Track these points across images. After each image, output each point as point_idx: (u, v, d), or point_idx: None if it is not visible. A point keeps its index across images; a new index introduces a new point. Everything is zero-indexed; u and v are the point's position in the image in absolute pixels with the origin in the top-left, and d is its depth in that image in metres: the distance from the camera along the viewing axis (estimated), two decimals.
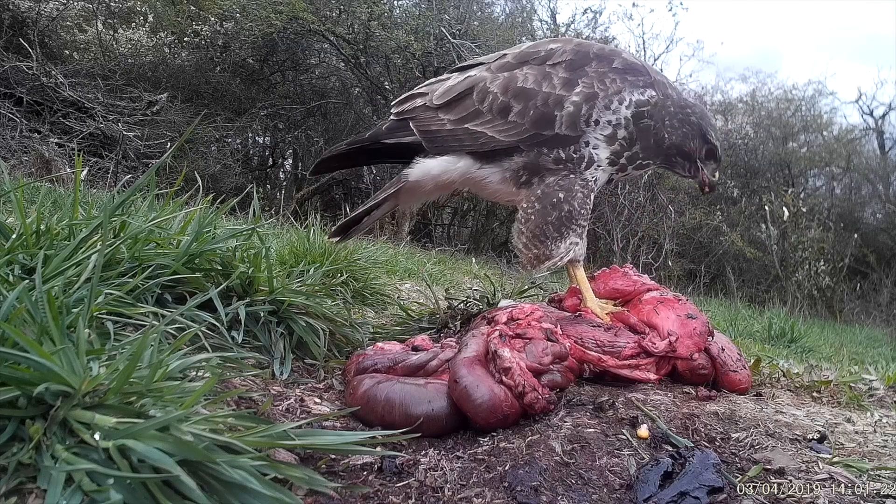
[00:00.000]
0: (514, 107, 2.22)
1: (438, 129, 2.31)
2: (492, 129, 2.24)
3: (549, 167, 2.24)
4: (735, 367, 2.16)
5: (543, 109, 2.20)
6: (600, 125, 2.21)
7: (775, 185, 20.11)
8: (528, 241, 2.31)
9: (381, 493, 1.29)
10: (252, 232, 2.16)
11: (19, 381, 1.03)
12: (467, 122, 2.28)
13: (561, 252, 2.29)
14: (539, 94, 2.21)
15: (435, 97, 2.35)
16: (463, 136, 2.28)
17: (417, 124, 2.35)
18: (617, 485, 1.43)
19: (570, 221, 2.26)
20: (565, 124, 2.19)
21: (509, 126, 2.22)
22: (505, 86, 2.25)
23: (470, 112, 2.28)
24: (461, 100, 2.31)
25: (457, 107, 2.31)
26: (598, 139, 2.23)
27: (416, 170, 2.37)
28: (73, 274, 1.53)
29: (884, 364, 4.28)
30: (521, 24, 16.92)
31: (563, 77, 2.22)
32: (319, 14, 13.15)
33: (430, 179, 2.37)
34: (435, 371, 1.86)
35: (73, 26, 12.59)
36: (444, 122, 2.31)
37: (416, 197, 2.54)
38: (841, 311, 14.83)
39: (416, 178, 2.38)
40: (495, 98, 2.24)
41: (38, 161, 8.52)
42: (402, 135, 2.38)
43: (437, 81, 2.46)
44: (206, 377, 1.33)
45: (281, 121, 15.16)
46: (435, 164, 2.35)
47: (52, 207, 2.59)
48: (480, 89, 2.28)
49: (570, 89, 2.20)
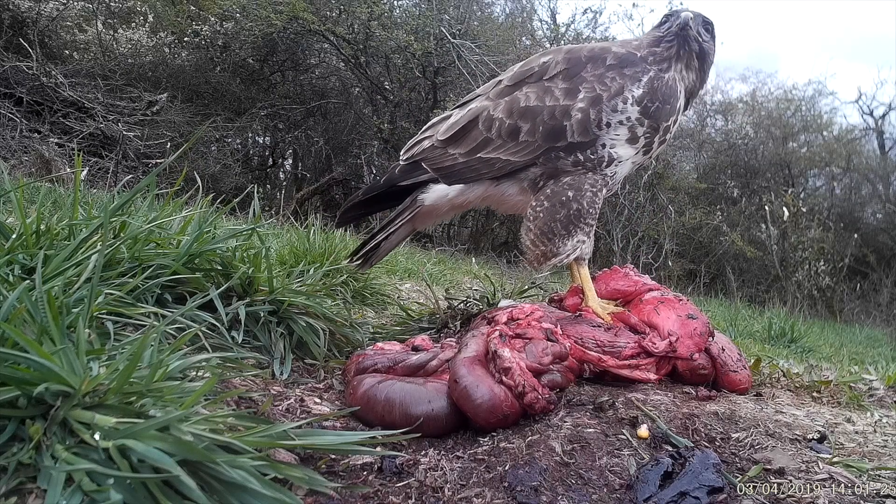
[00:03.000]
0: (523, 127, 2.24)
1: (452, 164, 2.35)
2: (505, 153, 2.28)
3: (568, 170, 2.26)
4: (735, 367, 2.16)
5: (552, 123, 2.22)
6: (612, 127, 2.22)
7: (775, 185, 20.11)
8: (535, 238, 2.32)
9: (381, 493, 1.29)
10: (252, 232, 2.16)
11: (19, 381, 1.03)
12: (479, 151, 2.31)
13: (567, 250, 2.30)
14: (545, 110, 2.23)
15: (439, 135, 2.39)
16: (478, 165, 2.32)
17: (430, 164, 2.38)
18: (617, 485, 1.43)
19: (579, 219, 2.27)
20: (577, 131, 2.20)
21: (522, 146, 2.25)
22: (509, 109, 2.28)
23: (479, 142, 2.31)
24: (468, 132, 2.35)
25: (465, 139, 2.34)
26: (615, 139, 2.24)
27: (432, 194, 2.40)
28: (73, 274, 1.53)
29: (884, 364, 4.27)
30: (521, 24, 16.90)
31: (563, 87, 2.24)
32: (319, 14, 13.15)
33: (447, 202, 2.41)
34: (435, 371, 1.86)
35: (73, 26, 12.58)
36: (456, 157, 2.34)
37: (432, 219, 2.59)
38: (841, 311, 14.82)
39: (432, 202, 2.41)
40: (502, 123, 2.27)
41: (38, 161, 8.52)
42: (417, 174, 2.41)
43: (439, 121, 2.50)
44: (206, 377, 1.33)
45: (281, 121, 15.15)
46: (452, 190, 2.38)
47: (52, 207, 2.59)
48: (485, 118, 2.31)
49: (573, 97, 2.22)
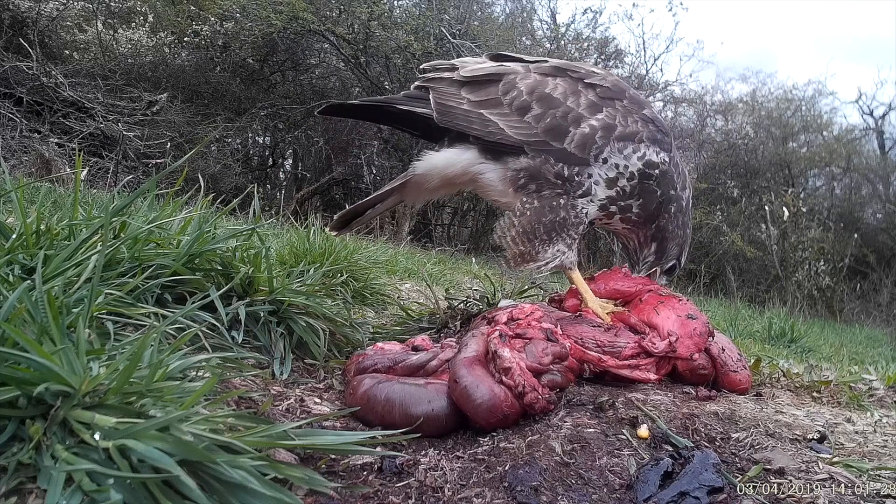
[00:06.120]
0: (534, 109, 2.22)
1: (455, 107, 2.30)
2: (504, 122, 2.23)
3: (549, 179, 2.23)
4: (735, 367, 2.16)
5: (560, 121, 2.20)
6: (608, 165, 2.22)
7: (775, 185, 20.11)
8: (516, 236, 2.28)
9: (381, 493, 1.29)
10: (252, 232, 2.16)
11: (19, 381, 1.03)
12: (484, 107, 2.27)
13: (547, 257, 2.28)
14: (561, 106, 2.21)
15: (464, 71, 2.34)
16: (475, 119, 2.27)
17: (437, 96, 2.34)
18: (617, 485, 1.43)
19: (562, 229, 2.25)
20: (576, 143, 2.19)
21: (522, 126, 2.22)
22: (532, 87, 2.25)
23: (490, 99, 2.27)
24: (486, 84, 2.30)
25: (480, 89, 2.30)
26: (601, 177, 2.24)
27: (424, 162, 2.39)
28: (74, 274, 1.53)
29: (884, 364, 4.28)
30: (521, 24, 16.92)
31: (590, 100, 2.23)
32: (319, 14, 13.15)
33: (437, 173, 2.39)
34: (435, 371, 1.86)
35: (73, 26, 12.58)
36: (463, 101, 2.30)
37: (420, 192, 2.56)
38: (841, 311, 14.82)
39: (424, 170, 2.40)
40: (519, 94, 2.24)
41: (38, 161, 8.52)
42: (417, 104, 2.38)
43: (469, 60, 2.46)
44: (206, 377, 1.33)
45: (281, 121, 15.16)
46: (441, 157, 2.38)
47: (52, 207, 2.59)
48: (508, 81, 2.28)
49: (592, 112, 2.20)
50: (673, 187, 2.32)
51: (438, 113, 2.31)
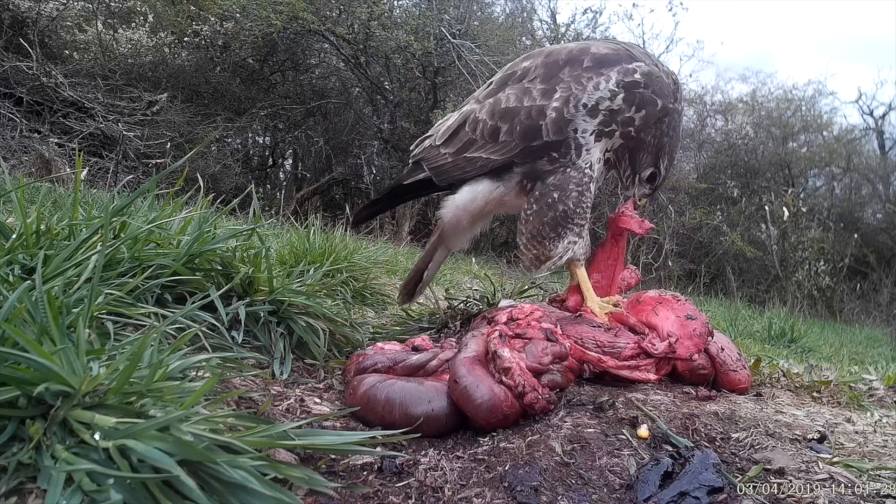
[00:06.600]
0: (502, 127, 2.32)
1: (443, 164, 2.52)
2: (486, 153, 2.38)
3: (546, 168, 2.30)
4: (735, 367, 2.16)
5: (528, 122, 2.27)
6: (581, 113, 2.23)
7: (775, 185, 20.10)
8: (527, 242, 2.37)
9: (381, 493, 1.29)
10: (252, 232, 2.16)
11: (19, 381, 1.03)
12: (464, 151, 2.45)
13: (559, 252, 2.33)
14: (522, 110, 2.29)
15: (437, 137, 2.57)
16: (463, 164, 2.45)
17: (427, 163, 2.58)
18: (617, 485, 1.43)
19: (567, 221, 2.29)
20: (552, 130, 2.24)
21: (501, 146, 2.34)
22: (491, 111, 2.37)
23: (465, 142, 2.44)
24: (457, 133, 2.49)
25: (454, 140, 2.50)
26: (582, 121, 2.24)
27: (447, 208, 2.53)
28: (74, 274, 1.53)
29: (884, 364, 4.28)
30: (521, 24, 16.90)
31: (541, 89, 2.29)
32: (319, 14, 13.15)
33: (462, 211, 2.50)
34: (435, 371, 1.86)
35: (73, 26, 12.58)
36: (446, 156, 2.50)
37: (459, 234, 2.67)
38: (841, 311, 14.82)
39: (451, 215, 2.53)
40: (484, 124, 2.38)
41: (38, 161, 8.52)
42: (418, 173, 2.61)
43: (441, 123, 2.66)
44: (207, 377, 1.33)
45: (281, 121, 15.15)
46: (461, 198, 2.49)
47: (52, 207, 2.59)
48: (471, 120, 2.43)
49: (549, 98, 2.26)
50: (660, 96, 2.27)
51: (435, 175, 2.53)
